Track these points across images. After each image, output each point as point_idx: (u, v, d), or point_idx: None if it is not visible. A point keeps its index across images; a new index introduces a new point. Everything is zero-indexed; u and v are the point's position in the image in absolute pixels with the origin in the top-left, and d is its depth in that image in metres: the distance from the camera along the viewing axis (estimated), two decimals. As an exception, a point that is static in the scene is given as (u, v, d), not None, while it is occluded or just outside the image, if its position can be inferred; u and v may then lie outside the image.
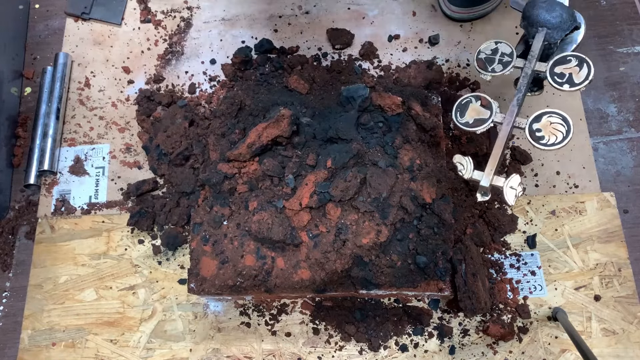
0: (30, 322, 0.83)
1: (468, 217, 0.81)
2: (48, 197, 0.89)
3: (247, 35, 0.96)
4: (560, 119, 0.64)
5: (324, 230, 0.72)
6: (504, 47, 0.69)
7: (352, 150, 0.73)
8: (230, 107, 0.80)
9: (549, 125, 0.64)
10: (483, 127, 0.67)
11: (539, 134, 0.64)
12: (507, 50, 0.69)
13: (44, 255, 0.86)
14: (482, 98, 0.68)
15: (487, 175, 0.65)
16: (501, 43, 0.70)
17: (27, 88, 0.97)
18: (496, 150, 0.65)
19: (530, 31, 0.67)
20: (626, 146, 0.86)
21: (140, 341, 0.80)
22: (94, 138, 0.92)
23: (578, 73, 0.65)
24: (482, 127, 0.67)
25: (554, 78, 0.66)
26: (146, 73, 0.95)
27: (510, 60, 0.69)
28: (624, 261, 0.80)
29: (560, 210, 0.83)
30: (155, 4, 0.99)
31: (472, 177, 0.66)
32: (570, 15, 0.66)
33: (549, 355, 0.76)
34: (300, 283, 0.71)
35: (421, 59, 0.92)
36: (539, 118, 0.65)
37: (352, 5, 0.97)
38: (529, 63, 0.67)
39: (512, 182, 0.64)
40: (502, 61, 0.69)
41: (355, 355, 0.78)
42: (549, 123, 0.64)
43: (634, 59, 0.91)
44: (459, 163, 0.67)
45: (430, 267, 0.71)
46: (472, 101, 0.69)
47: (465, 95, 0.69)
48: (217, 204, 0.75)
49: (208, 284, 0.72)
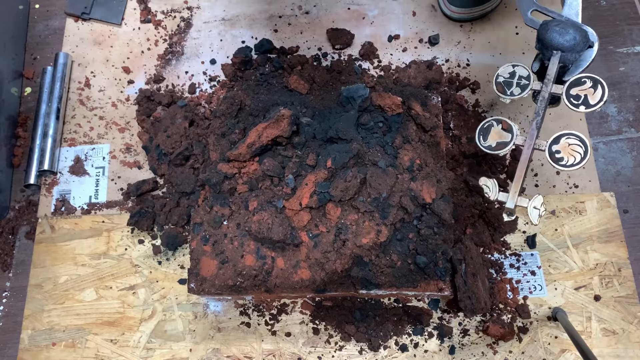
0: (30, 322, 0.83)
1: (468, 217, 0.81)
2: (48, 197, 0.89)
3: (247, 35, 0.96)
4: (578, 141, 0.67)
5: (324, 230, 0.72)
6: (521, 70, 0.72)
7: (352, 150, 0.73)
8: (230, 107, 0.80)
9: (567, 147, 0.67)
10: (506, 149, 0.70)
11: (558, 155, 0.67)
12: (524, 73, 0.72)
13: (44, 255, 0.86)
14: (503, 122, 0.71)
15: (512, 197, 0.68)
16: (518, 66, 0.72)
17: (27, 88, 0.97)
18: (519, 173, 0.68)
19: (546, 54, 0.69)
20: (626, 146, 0.86)
21: (140, 341, 0.80)
22: (94, 138, 0.92)
23: (593, 94, 0.67)
24: (505, 149, 0.70)
25: (570, 100, 0.68)
26: (146, 73, 0.95)
27: (527, 83, 0.71)
28: (624, 261, 0.80)
29: (560, 210, 0.83)
30: (155, 4, 0.99)
31: (498, 199, 0.69)
32: (584, 36, 0.68)
33: (549, 355, 0.76)
34: (300, 283, 0.71)
35: (421, 59, 0.92)
36: (557, 140, 0.68)
37: (352, 5, 0.97)
38: (545, 87, 0.69)
39: (536, 203, 0.67)
40: (519, 84, 0.71)
41: (355, 355, 0.78)
42: (567, 144, 0.67)
43: (633, 59, 0.91)
44: (485, 185, 0.70)
45: (430, 267, 0.71)
46: (494, 125, 0.71)
47: (487, 119, 0.72)
48: (217, 204, 0.75)
49: (208, 284, 0.72)
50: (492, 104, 0.88)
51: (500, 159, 0.85)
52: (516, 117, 0.87)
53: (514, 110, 0.88)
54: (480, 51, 0.92)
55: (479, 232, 0.80)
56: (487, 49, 0.92)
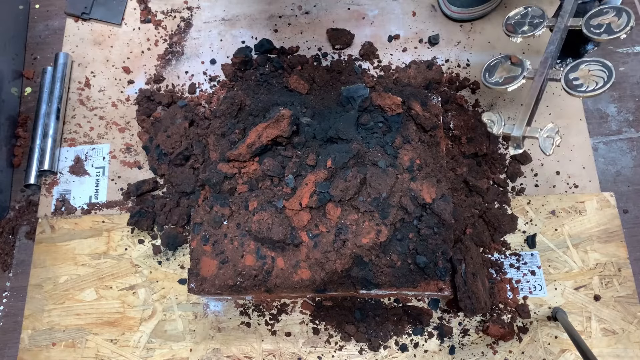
0: (30, 322, 0.83)
1: (468, 217, 0.81)
2: (48, 197, 0.89)
3: (247, 35, 0.96)
4: (600, 66, 0.62)
5: (324, 230, 0.72)
6: (535, 11, 0.69)
7: (352, 150, 0.73)
8: (230, 107, 0.80)
9: (587, 74, 0.63)
10: (515, 83, 0.66)
11: (576, 82, 0.63)
12: (538, 12, 0.68)
13: (44, 255, 0.86)
14: (513, 57, 0.67)
15: (519, 126, 0.63)
16: (531, 7, 0.69)
17: (27, 88, 0.97)
18: (529, 100, 0.64)
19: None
20: (626, 146, 0.86)
21: (140, 341, 0.80)
22: (94, 138, 0.92)
23: (617, 21, 0.63)
24: (514, 83, 0.66)
25: (590, 29, 0.64)
26: (146, 73, 0.95)
27: (541, 21, 0.67)
28: (624, 261, 0.80)
29: (560, 210, 0.83)
30: (156, 4, 0.99)
31: (504, 131, 0.65)
32: None
33: (549, 355, 0.76)
34: (300, 283, 0.71)
35: (421, 59, 0.92)
36: (576, 67, 0.63)
37: (352, 5, 0.97)
38: (561, 18, 0.66)
39: (549, 131, 0.62)
40: (532, 23, 0.68)
41: (355, 355, 0.78)
42: (587, 71, 0.63)
43: (633, 59, 0.91)
44: (489, 120, 0.66)
45: (430, 267, 0.71)
46: (502, 62, 0.68)
47: (494, 58, 0.68)
48: (217, 204, 0.75)
49: (208, 284, 0.72)
50: (492, 104, 0.88)
51: (501, 159, 0.85)
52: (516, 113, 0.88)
53: (516, 105, 0.88)
54: (480, 51, 0.92)
55: (479, 232, 0.80)
56: (487, 49, 0.92)
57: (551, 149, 0.62)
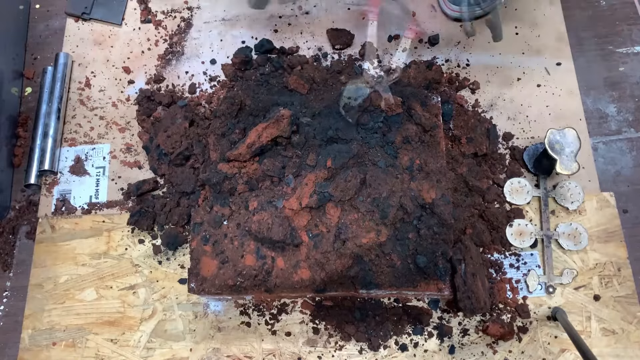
0: (30, 322, 0.83)
1: (468, 217, 0.81)
2: (48, 197, 0.89)
3: (247, 35, 0.96)
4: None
5: (324, 230, 0.72)
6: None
7: (352, 150, 0.73)
8: (230, 107, 0.80)
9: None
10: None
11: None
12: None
13: (45, 255, 0.86)
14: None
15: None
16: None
17: (27, 88, 0.97)
18: None
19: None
20: (626, 146, 0.86)
21: (140, 341, 0.80)
22: (94, 138, 0.92)
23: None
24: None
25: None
26: (146, 73, 0.95)
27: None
28: (624, 261, 0.80)
29: (560, 210, 0.83)
30: (156, 4, 0.99)
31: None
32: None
33: (549, 354, 0.76)
34: (300, 283, 0.71)
35: (421, 59, 0.92)
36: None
37: (352, 6, 0.97)
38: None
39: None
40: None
41: (355, 355, 0.78)
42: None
43: (633, 59, 0.91)
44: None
45: (430, 267, 0.71)
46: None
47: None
48: (217, 204, 0.75)
49: (208, 284, 0.73)
50: (492, 104, 0.88)
51: (500, 159, 0.85)
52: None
53: (517, 105, 0.88)
54: (480, 51, 0.92)
55: (479, 232, 0.80)
56: (487, 49, 0.92)
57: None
